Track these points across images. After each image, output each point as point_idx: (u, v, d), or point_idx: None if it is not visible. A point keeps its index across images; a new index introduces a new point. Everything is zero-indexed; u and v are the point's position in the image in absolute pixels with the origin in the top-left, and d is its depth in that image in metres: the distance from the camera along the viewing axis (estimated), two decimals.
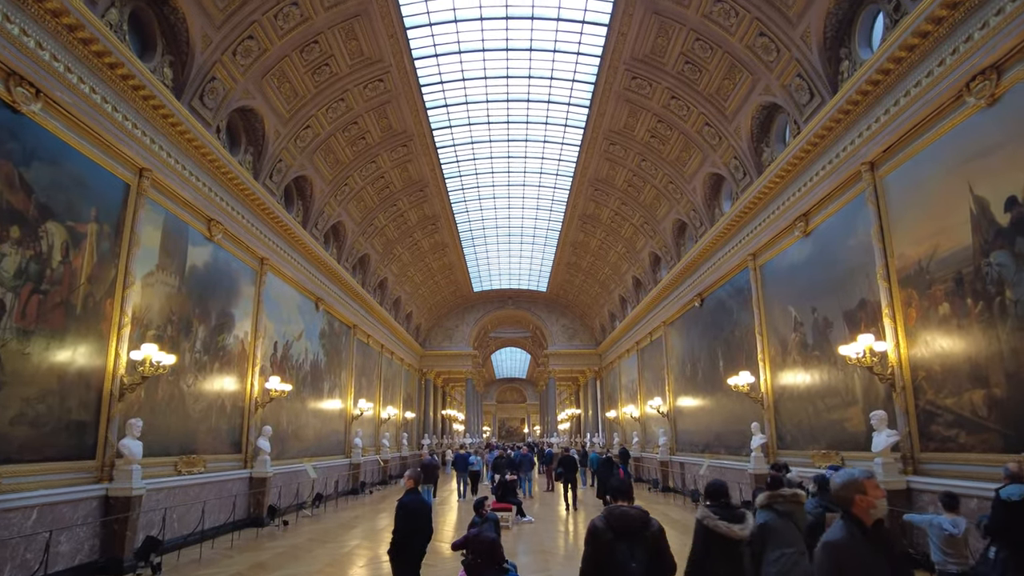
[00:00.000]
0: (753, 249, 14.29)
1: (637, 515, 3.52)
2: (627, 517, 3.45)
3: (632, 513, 3.49)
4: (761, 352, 13.81)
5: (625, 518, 3.45)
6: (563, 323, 36.71)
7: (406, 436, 29.68)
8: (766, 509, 4.95)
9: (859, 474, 2.99)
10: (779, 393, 13.18)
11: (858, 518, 2.91)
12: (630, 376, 28.42)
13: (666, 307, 21.70)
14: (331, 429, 19.48)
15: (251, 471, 13.30)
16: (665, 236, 20.26)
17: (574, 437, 43.35)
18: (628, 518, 3.45)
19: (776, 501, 4.96)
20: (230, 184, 12.52)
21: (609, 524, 3.42)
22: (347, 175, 17.59)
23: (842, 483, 3.00)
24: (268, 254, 14.61)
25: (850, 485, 2.98)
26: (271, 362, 15.05)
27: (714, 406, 17.23)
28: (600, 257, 26.59)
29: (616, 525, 3.40)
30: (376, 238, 22.25)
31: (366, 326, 23.59)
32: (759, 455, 13.14)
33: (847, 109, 10.07)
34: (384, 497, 20.22)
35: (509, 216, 25.60)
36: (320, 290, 18.37)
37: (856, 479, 2.98)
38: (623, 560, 3.33)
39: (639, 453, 25.04)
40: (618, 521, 3.43)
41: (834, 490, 3.01)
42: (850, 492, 2.97)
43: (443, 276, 30.74)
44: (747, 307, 14.80)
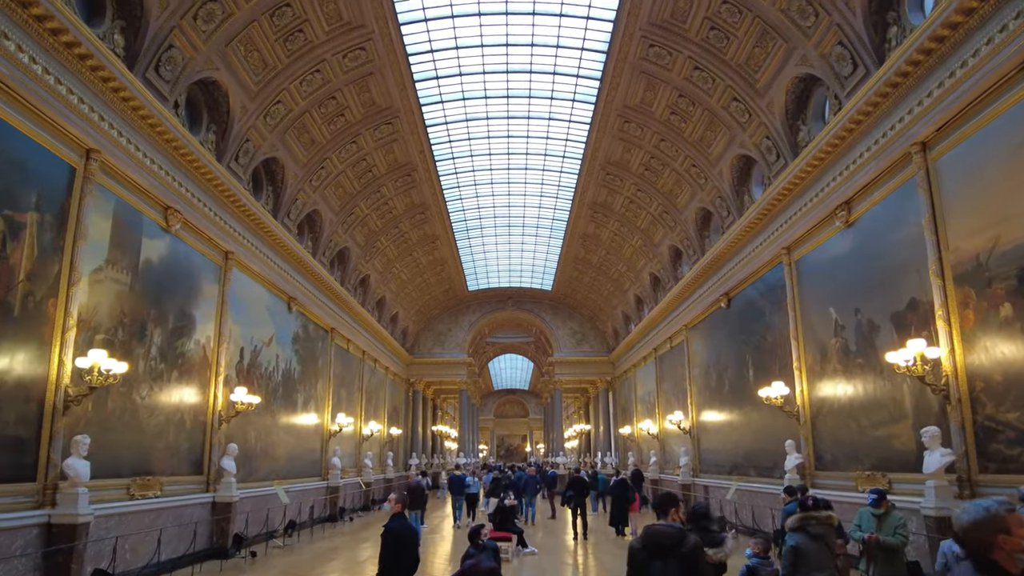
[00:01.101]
0: (788, 242, 14.28)
1: (672, 532, 3.86)
2: (660, 535, 3.79)
3: (666, 531, 3.81)
4: (797, 360, 13.80)
5: (658, 535, 3.80)
6: (571, 327, 36.74)
7: (391, 455, 29.72)
8: (798, 531, 5.37)
9: (996, 506, 2.48)
10: (817, 406, 13.17)
11: (1000, 568, 2.43)
12: (647, 387, 28.42)
13: (688, 308, 21.70)
14: (306, 447, 19.48)
15: (214, 495, 13.29)
16: (687, 227, 20.26)
17: (583, 456, 43.39)
18: (661, 535, 3.79)
19: (809, 523, 5.37)
20: (190, 167, 12.51)
21: (644, 543, 3.77)
22: (324, 157, 17.59)
23: (973, 521, 2.49)
24: (234, 247, 14.60)
25: (987, 523, 2.46)
26: (237, 371, 15.05)
27: (743, 421, 17.22)
28: (613, 251, 26.60)
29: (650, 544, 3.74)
30: (357, 229, 22.25)
31: (346, 330, 23.60)
32: (794, 477, 13.13)
33: (895, 82, 10.04)
34: (367, 524, 20.23)
35: (509, 204, 25.61)
36: (293, 288, 18.37)
37: (995, 514, 2.47)
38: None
39: (657, 475, 25.07)
40: (651, 539, 3.77)
41: (963, 530, 2.53)
42: (987, 532, 2.46)
43: (434, 273, 30.76)
44: (781, 308, 14.79)
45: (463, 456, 36.92)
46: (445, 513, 22.85)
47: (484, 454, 71.41)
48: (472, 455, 45.86)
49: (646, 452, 28.09)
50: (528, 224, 27.27)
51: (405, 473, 32.16)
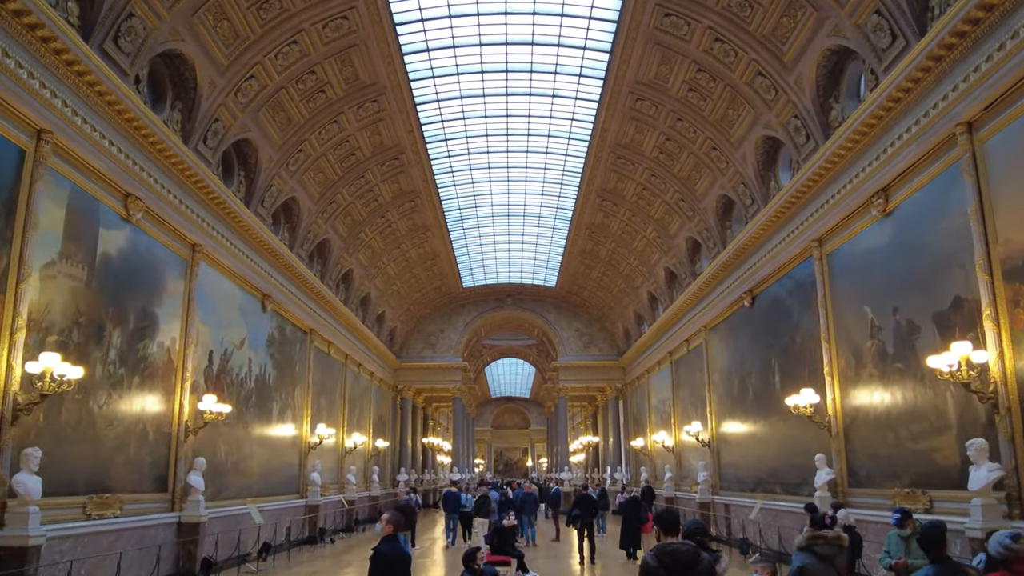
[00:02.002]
0: (818, 233, 14.27)
1: (689, 550, 4.16)
2: (678, 553, 4.08)
3: (683, 548, 4.09)
4: (828, 364, 13.80)
5: (676, 555, 4.08)
6: (577, 327, 36.75)
7: (377, 471, 29.76)
8: (805, 551, 5.53)
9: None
10: (851, 416, 13.17)
11: None
12: (661, 395, 28.44)
13: (707, 307, 21.71)
14: (282, 462, 19.49)
15: (180, 515, 13.29)
16: (706, 217, 20.26)
17: (590, 472, 43.45)
18: (680, 554, 4.08)
19: (817, 543, 5.53)
20: (152, 150, 12.50)
21: (661, 562, 4.03)
22: (302, 139, 17.57)
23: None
24: (201, 239, 14.60)
25: None
26: (205, 376, 15.06)
27: (768, 433, 17.24)
28: (624, 243, 26.60)
29: (668, 562, 4.02)
30: (339, 218, 22.25)
31: (326, 331, 23.58)
32: (825, 495, 13.14)
33: (938, 55, 10.03)
34: (350, 547, 20.25)
35: (508, 191, 25.59)
36: (268, 285, 18.37)
37: None
38: None
39: (672, 492, 25.10)
40: (670, 558, 4.05)
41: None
42: None
43: (424, 268, 30.75)
44: (810, 307, 14.80)
45: (457, 471, 36.95)
46: (435, 535, 22.86)
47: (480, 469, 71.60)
48: (467, 470, 45.94)
49: (660, 467, 28.11)
50: (529, 213, 27.25)
51: (393, 490, 32.21)
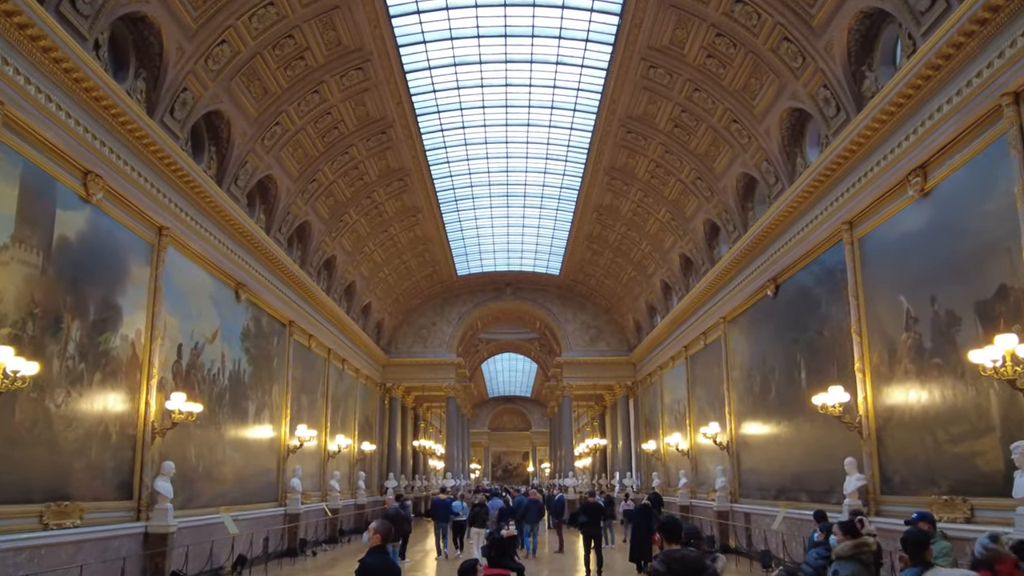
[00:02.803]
0: (849, 215, 14.24)
1: (695, 557, 4.85)
2: (687, 560, 4.68)
3: (690, 555, 4.76)
4: (859, 360, 13.81)
5: (685, 561, 4.68)
6: (583, 320, 36.77)
7: (363, 476, 29.84)
8: (851, 560, 6.02)
9: None
10: (884, 417, 13.19)
11: None
12: (676, 393, 28.47)
13: (727, 297, 21.70)
14: (259, 467, 19.54)
15: (146, 524, 13.31)
16: (726, 197, 20.22)
17: (597, 478, 43.58)
18: (688, 560, 4.69)
19: (862, 552, 6.03)
20: (114, 123, 12.44)
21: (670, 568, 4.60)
22: (279, 110, 17.50)
23: None
24: (168, 221, 14.56)
25: None
26: (174, 373, 15.06)
27: (792, 435, 17.27)
28: (635, 227, 26.56)
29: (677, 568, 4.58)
30: (320, 199, 22.20)
31: (307, 323, 23.58)
32: (855, 503, 13.18)
33: (983, 18, 9.96)
34: (334, 560, 20.32)
35: (507, 169, 25.53)
36: (242, 272, 18.35)
37: None
38: None
39: (688, 499, 25.17)
40: (678, 564, 4.64)
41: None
42: None
43: (414, 254, 30.74)
44: (840, 296, 14.79)
45: (451, 477, 37.07)
46: (427, 547, 22.95)
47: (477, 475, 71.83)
48: (462, 476, 46.09)
49: (674, 472, 28.19)
50: (531, 194, 27.19)
51: (380, 497, 32.28)
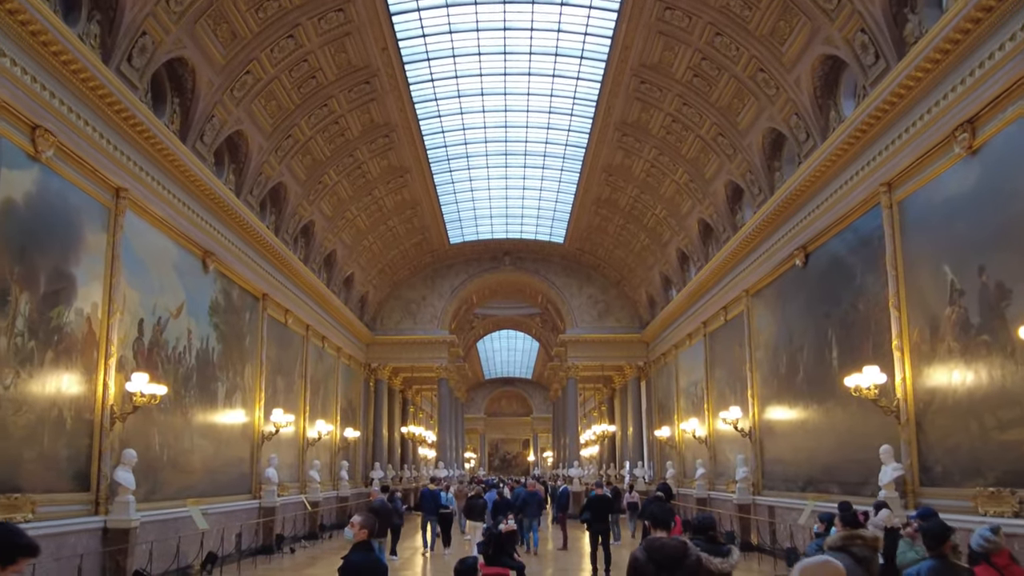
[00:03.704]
0: (888, 176, 14.17)
1: (677, 545, 5.25)
2: (668, 548, 5.09)
3: (672, 543, 5.15)
4: (897, 337, 13.81)
5: (666, 549, 5.10)
6: (589, 293, 36.78)
7: (346, 466, 30.00)
8: (841, 551, 6.11)
9: None
10: (925, 400, 13.21)
11: None
12: (692, 375, 28.56)
13: (750, 268, 21.68)
14: (230, 455, 19.61)
15: (106, 518, 13.35)
16: (750, 155, 20.12)
17: (605, 468, 43.84)
18: (669, 549, 5.09)
19: (854, 543, 6.16)
20: (66, 71, 12.31)
21: (651, 556, 5.03)
22: (250, 58, 17.34)
23: None
24: (127, 182, 14.47)
25: None
26: (135, 351, 15.04)
27: (822, 421, 17.33)
28: (648, 189, 26.48)
29: (658, 557, 5.01)
30: (296, 158, 22.09)
31: (282, 296, 23.56)
32: (892, 495, 13.23)
33: None
34: (314, 558, 20.47)
35: (506, 124, 25.40)
36: (210, 240, 18.30)
37: None
38: None
39: (705, 492, 25.35)
40: (659, 553, 5.06)
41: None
42: None
43: (402, 219, 30.67)
44: (876, 267, 14.76)
45: (443, 467, 37.29)
46: (417, 543, 23.13)
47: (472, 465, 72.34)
48: (456, 466, 46.37)
49: (690, 462, 28.33)
50: (532, 152, 27.07)
51: (365, 489, 32.50)
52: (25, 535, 3.17)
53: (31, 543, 3.14)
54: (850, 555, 6.10)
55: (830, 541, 6.49)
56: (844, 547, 6.22)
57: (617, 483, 35.10)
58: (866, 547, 6.25)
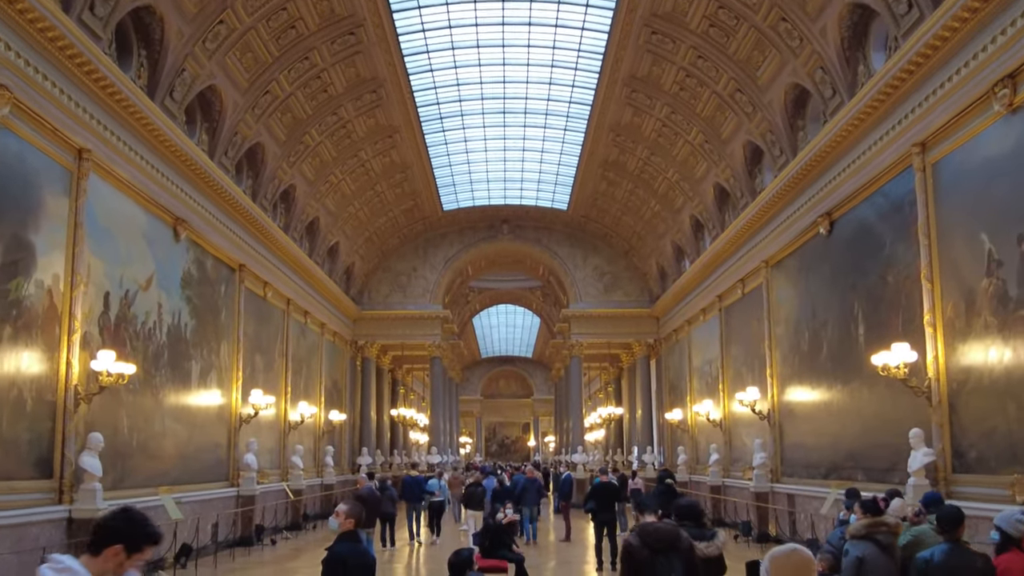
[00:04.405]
0: (921, 136, 14.09)
1: (670, 529, 5.35)
2: (661, 532, 5.16)
3: (665, 528, 5.23)
4: (929, 311, 13.78)
5: (660, 533, 5.17)
6: (595, 264, 36.77)
7: (331, 452, 30.11)
8: (864, 539, 6.53)
9: None
10: (958, 380, 13.20)
11: None
12: (707, 353, 28.62)
13: (771, 236, 21.66)
14: (205, 440, 19.67)
15: (70, 508, 13.37)
16: (771, 113, 20.02)
17: (612, 454, 44.05)
18: (663, 533, 5.16)
19: (878, 531, 6.51)
20: (21, 21, 12.17)
21: (644, 542, 5.08)
22: (223, 5, 17.16)
23: None
24: (91, 143, 14.38)
25: None
26: (100, 327, 15.02)
27: (847, 402, 17.37)
28: (659, 150, 26.39)
29: (652, 542, 5.06)
30: (275, 117, 21.98)
31: (261, 268, 23.54)
32: (922, 482, 13.29)
33: None
34: (297, 550, 20.59)
35: (504, 80, 25.27)
36: (181, 206, 18.23)
37: None
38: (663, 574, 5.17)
39: (719, 479, 25.49)
40: (653, 537, 5.11)
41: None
42: None
43: (391, 184, 30.59)
44: (908, 235, 14.71)
45: (437, 452, 37.43)
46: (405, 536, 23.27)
47: (468, 450, 72.70)
48: (449, 452, 46.56)
49: (703, 447, 28.44)
50: (533, 111, 26.96)
51: (352, 476, 32.65)
52: (150, 523, 3.34)
53: (156, 532, 3.36)
54: (875, 543, 6.36)
55: (852, 530, 6.70)
56: (868, 535, 6.46)
57: (624, 470, 35.26)
58: (890, 534, 6.49)
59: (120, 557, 3.18)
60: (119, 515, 3.26)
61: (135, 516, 3.29)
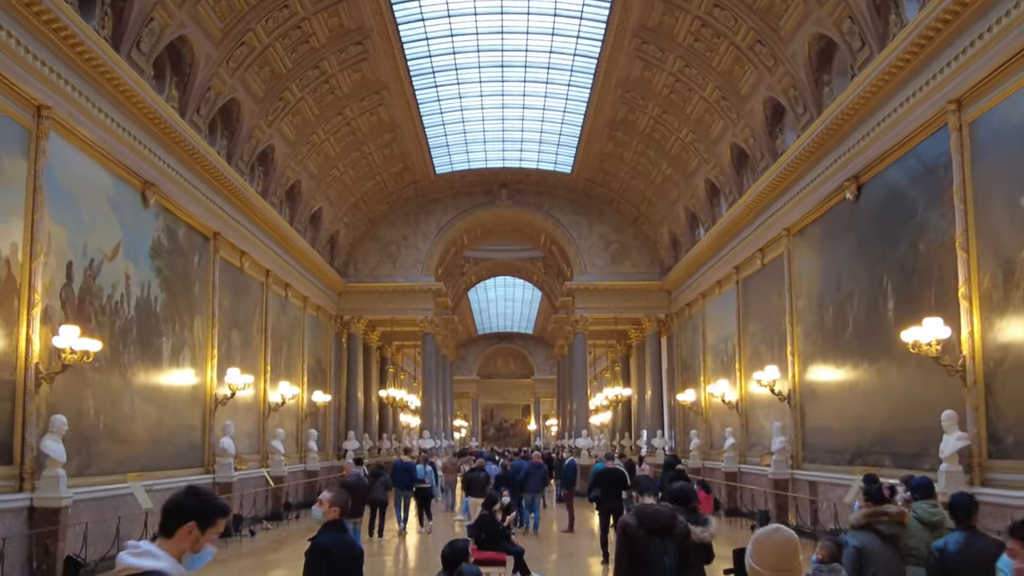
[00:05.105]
0: (957, 92, 14.02)
1: (667, 512, 6.02)
2: (659, 514, 5.82)
3: (662, 511, 5.94)
4: (965, 283, 13.77)
5: (657, 515, 5.85)
6: (601, 233, 36.74)
7: (315, 435, 30.23)
8: (865, 530, 6.75)
9: None
10: (995, 358, 13.21)
11: None
12: (722, 330, 28.66)
13: (792, 202, 21.63)
14: (178, 423, 19.73)
15: (32, 496, 13.40)
16: (794, 67, 19.92)
17: (619, 438, 44.18)
18: (660, 515, 5.80)
19: (879, 520, 6.73)
20: None
21: (641, 522, 5.76)
22: None
23: None
24: (51, 99, 14.31)
25: None
26: (63, 300, 14.99)
27: (875, 383, 17.40)
28: (672, 108, 26.30)
29: (648, 523, 5.73)
30: (251, 71, 21.87)
31: (237, 236, 23.52)
32: (955, 468, 13.33)
33: None
34: (278, 542, 20.69)
35: (502, 30, 25.20)
36: (150, 169, 18.18)
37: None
38: (657, 556, 5.77)
39: (735, 465, 25.60)
40: (650, 519, 5.75)
41: None
42: None
43: (379, 144, 30.51)
44: (941, 200, 14.69)
45: (430, 437, 37.55)
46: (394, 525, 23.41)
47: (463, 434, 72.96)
48: (443, 436, 46.72)
49: (718, 431, 28.53)
50: (533, 65, 26.86)
51: (339, 462, 32.75)
52: (218, 497, 3.72)
53: (225, 504, 3.70)
54: (876, 533, 6.61)
55: (853, 519, 7.00)
56: (869, 525, 6.74)
57: (632, 455, 35.41)
58: (892, 523, 6.72)
59: (195, 534, 3.50)
60: (186, 494, 3.54)
61: (202, 492, 3.61)
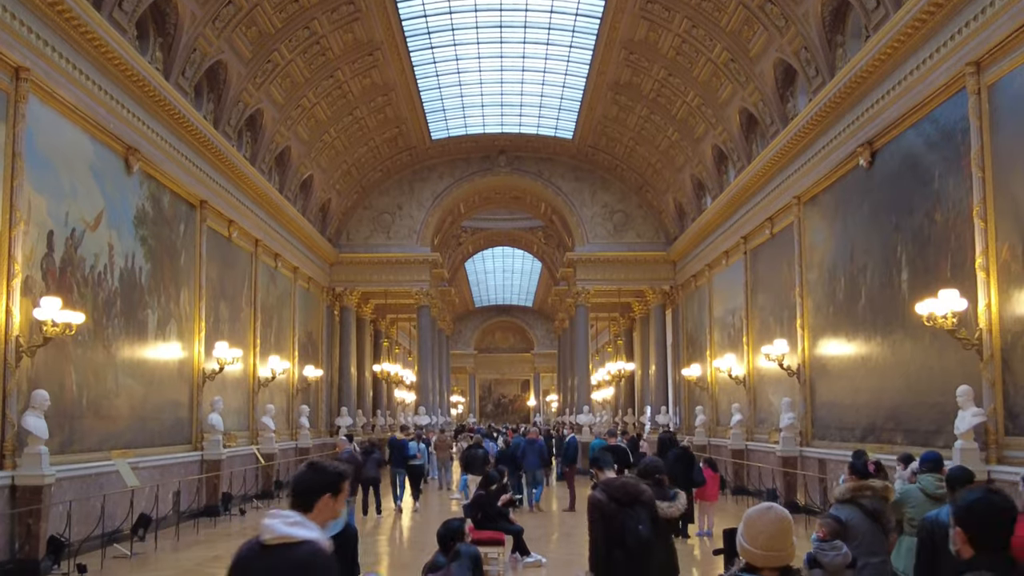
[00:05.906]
0: (976, 54, 13.97)
1: (633, 483, 6.57)
2: (627, 486, 6.34)
3: (629, 482, 6.52)
4: (982, 254, 13.77)
5: (625, 487, 6.31)
6: (604, 201, 36.72)
7: (307, 412, 30.36)
8: (848, 504, 6.95)
9: None
10: (1014, 332, 13.23)
11: None
12: (729, 302, 28.73)
13: (803, 169, 21.61)
14: (165, 398, 19.78)
15: (13, 474, 13.44)
16: (806, 27, 19.83)
17: (621, 415, 44.35)
18: (628, 487, 6.34)
19: (862, 494, 6.95)
20: None
21: (611, 496, 6.22)
22: None
23: None
24: (29, 60, 14.23)
25: None
26: (44, 270, 14.98)
27: (888, 357, 17.45)
28: (678, 71, 26.21)
29: (618, 496, 6.16)
30: (239, 31, 21.76)
31: (225, 204, 23.50)
32: (970, 445, 13.37)
33: None
34: None
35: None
36: (134, 134, 18.13)
37: None
38: (631, 525, 6.12)
39: (742, 443, 25.70)
40: (619, 492, 6.25)
41: None
42: None
43: (372, 108, 30.43)
44: (958, 167, 14.66)
45: (426, 413, 37.67)
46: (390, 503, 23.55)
47: (461, 410, 73.22)
48: (439, 412, 46.89)
49: (725, 407, 28.62)
50: (534, 24, 26.76)
51: (331, 439, 32.86)
52: (336, 464, 4.12)
53: (345, 469, 4.09)
54: (859, 507, 6.83)
55: (838, 493, 7.26)
56: (853, 499, 6.95)
57: (636, 432, 35.56)
58: (876, 498, 6.94)
59: (330, 504, 3.84)
60: (309, 471, 3.90)
61: (322, 465, 3.98)
